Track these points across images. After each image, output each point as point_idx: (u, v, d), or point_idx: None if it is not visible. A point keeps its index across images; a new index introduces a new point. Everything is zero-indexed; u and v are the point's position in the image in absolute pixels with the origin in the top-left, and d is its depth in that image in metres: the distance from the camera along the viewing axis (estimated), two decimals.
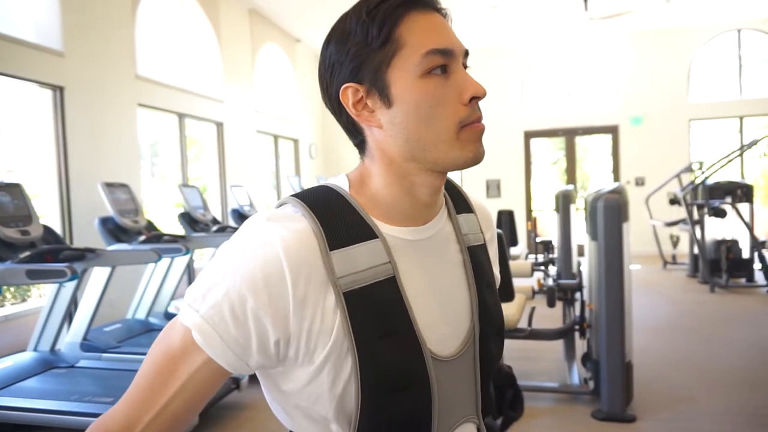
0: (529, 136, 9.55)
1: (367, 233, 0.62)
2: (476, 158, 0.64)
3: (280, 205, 0.65)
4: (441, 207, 0.71)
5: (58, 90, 4.36)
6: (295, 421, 0.65)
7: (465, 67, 0.66)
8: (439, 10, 0.65)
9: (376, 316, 0.60)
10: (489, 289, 0.73)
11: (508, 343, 3.97)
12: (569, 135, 9.49)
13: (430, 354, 0.63)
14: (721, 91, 9.03)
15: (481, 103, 0.65)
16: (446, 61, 0.62)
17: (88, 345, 3.72)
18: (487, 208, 0.83)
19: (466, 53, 0.66)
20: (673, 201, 7.21)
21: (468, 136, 0.63)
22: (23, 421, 2.85)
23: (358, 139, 0.67)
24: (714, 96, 9.01)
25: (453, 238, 0.71)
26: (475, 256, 0.72)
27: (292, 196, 0.64)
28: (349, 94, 0.63)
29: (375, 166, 0.66)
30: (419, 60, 0.61)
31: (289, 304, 0.57)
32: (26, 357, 3.51)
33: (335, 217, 0.62)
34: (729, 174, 8.08)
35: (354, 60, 0.62)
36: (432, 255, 0.67)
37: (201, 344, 0.58)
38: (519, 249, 6.55)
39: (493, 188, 9.62)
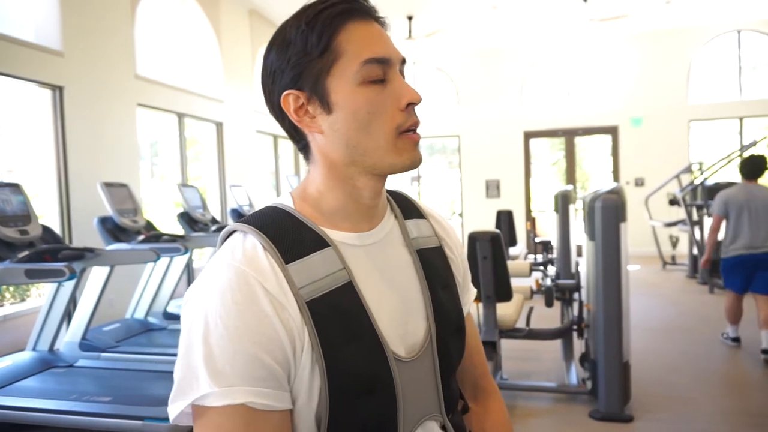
0: (528, 136, 9.56)
1: (319, 242, 0.63)
2: (413, 164, 0.66)
3: (228, 234, 0.65)
4: (385, 212, 0.73)
5: (58, 90, 4.37)
6: None
7: (402, 74, 0.68)
8: (377, 20, 0.67)
9: (340, 321, 0.60)
10: (445, 290, 0.74)
11: (507, 343, 3.99)
12: (569, 135, 9.49)
13: (393, 355, 0.64)
14: (720, 92, 9.03)
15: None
16: (384, 69, 0.64)
17: (87, 344, 3.72)
18: (448, 221, 0.84)
19: (403, 61, 0.68)
20: (673, 202, 7.22)
21: (404, 144, 0.65)
22: (22, 421, 2.85)
23: (301, 144, 0.69)
24: (714, 97, 9.01)
25: (401, 241, 0.73)
26: (426, 258, 0.73)
27: (239, 222, 0.65)
28: (290, 100, 0.65)
29: (318, 171, 0.68)
30: (357, 68, 0.63)
31: (278, 327, 0.57)
32: (25, 356, 3.52)
33: (284, 232, 0.63)
34: (729, 175, 8.08)
35: (294, 68, 0.64)
36: (383, 258, 0.69)
37: (265, 407, 0.56)
38: (518, 249, 6.55)
39: (493, 188, 9.63)
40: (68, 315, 3.79)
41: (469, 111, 9.59)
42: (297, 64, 0.64)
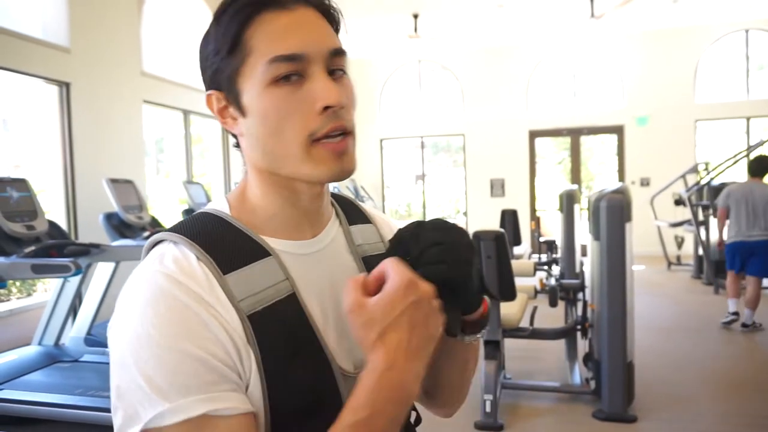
0: (533, 135, 9.53)
1: (259, 251, 0.58)
2: (333, 176, 0.58)
3: (154, 245, 0.58)
4: (329, 218, 0.68)
5: (65, 86, 4.39)
6: None
7: (336, 69, 0.59)
8: (306, 3, 0.59)
9: (283, 335, 0.55)
10: None
11: (511, 342, 3.99)
12: (574, 135, 9.46)
13: (340, 370, 0.59)
14: (727, 92, 8.98)
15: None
16: (296, 67, 0.56)
17: (92, 340, 3.74)
18: (394, 224, 0.77)
19: (335, 52, 0.58)
20: (678, 202, 7.18)
21: (320, 153, 0.57)
22: (27, 414, 2.87)
23: (236, 143, 0.64)
24: (721, 96, 8.96)
25: (346, 248, 0.68)
26: (372, 266, 0.64)
27: (167, 231, 0.58)
28: (213, 101, 0.61)
29: (251, 175, 0.63)
30: (264, 68, 0.56)
31: (219, 330, 0.52)
32: (31, 351, 3.54)
33: (219, 241, 0.57)
34: (735, 175, 8.04)
35: (210, 67, 0.59)
36: (327, 267, 0.64)
37: (230, 410, 0.50)
38: (522, 248, 6.54)
39: (497, 187, 9.61)
40: (74, 310, 3.82)
41: (474, 110, 9.57)
42: (212, 63, 0.59)
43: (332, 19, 0.61)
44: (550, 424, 3.01)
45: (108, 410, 2.06)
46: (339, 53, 0.59)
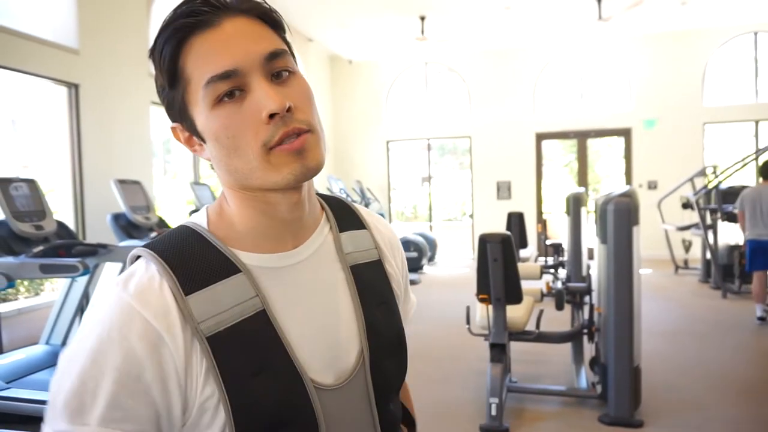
0: (540, 137, 9.51)
1: (228, 268, 0.57)
2: (298, 178, 0.57)
3: (135, 259, 0.60)
4: (317, 224, 0.67)
5: (73, 87, 4.42)
6: None
7: (280, 71, 0.58)
8: (236, 13, 0.57)
9: (247, 353, 0.55)
10: (382, 307, 0.69)
11: (517, 346, 3.97)
12: (581, 137, 9.43)
13: (313, 384, 0.59)
14: (736, 95, 8.93)
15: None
16: (234, 83, 0.55)
17: None
18: (391, 227, 0.78)
19: (272, 56, 0.57)
20: (686, 205, 7.14)
21: (278, 158, 0.56)
22: (35, 413, 2.89)
23: (212, 166, 0.63)
24: (729, 99, 8.91)
25: (334, 257, 0.67)
26: (362, 275, 0.67)
27: (143, 246, 0.59)
28: (178, 133, 0.61)
29: (226, 191, 0.62)
30: (203, 92, 0.55)
31: (148, 369, 0.52)
32: (38, 350, 3.56)
33: (189, 258, 0.57)
34: (743, 178, 7.98)
35: (164, 101, 0.60)
36: (308, 279, 0.63)
37: None
38: (529, 251, 6.52)
39: (504, 190, 9.59)
40: (81, 310, 3.84)
41: (481, 112, 9.56)
42: (164, 98, 0.60)
43: (269, 19, 0.60)
44: (556, 428, 2.99)
45: None
46: (277, 55, 0.57)
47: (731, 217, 6.35)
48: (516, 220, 6.02)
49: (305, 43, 8.74)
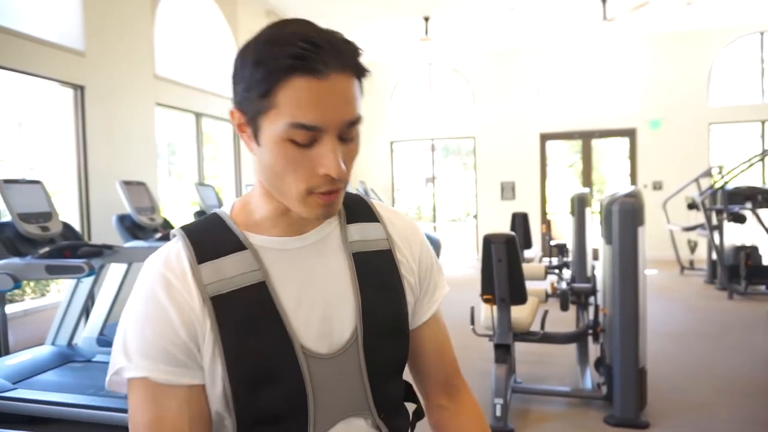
0: (545, 138, 9.49)
1: (237, 246, 0.69)
2: (320, 219, 0.69)
3: (172, 237, 0.73)
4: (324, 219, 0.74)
5: (79, 89, 4.44)
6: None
7: (347, 137, 0.65)
8: (344, 70, 0.62)
9: (244, 316, 0.66)
10: (381, 292, 0.75)
11: (522, 346, 3.96)
12: (586, 138, 9.41)
13: (302, 350, 0.68)
14: (742, 95, 8.89)
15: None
16: (313, 136, 0.62)
17: (104, 340, 3.78)
18: (412, 222, 0.85)
19: (351, 123, 0.64)
20: (692, 206, 7.11)
21: (315, 201, 0.66)
22: (41, 414, 2.90)
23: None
24: (735, 99, 8.86)
25: (338, 245, 0.75)
26: (364, 261, 0.75)
27: (181, 227, 0.72)
28: (235, 116, 0.67)
29: (257, 183, 0.72)
30: (284, 128, 0.62)
31: (175, 320, 0.65)
32: (44, 351, 3.58)
33: (206, 236, 0.70)
34: (749, 179, 7.94)
35: (241, 93, 0.65)
36: (311, 261, 0.72)
37: (165, 381, 0.65)
38: (533, 252, 6.50)
39: (508, 190, 9.57)
40: (87, 311, 3.85)
41: (485, 112, 9.55)
42: (242, 92, 0.64)
43: (363, 74, 0.66)
44: (561, 428, 2.98)
45: (120, 411, 2.11)
46: (355, 123, 0.65)
47: (737, 218, 6.32)
48: (520, 221, 6.01)
49: None
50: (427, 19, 7.71)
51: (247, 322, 0.66)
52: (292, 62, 0.60)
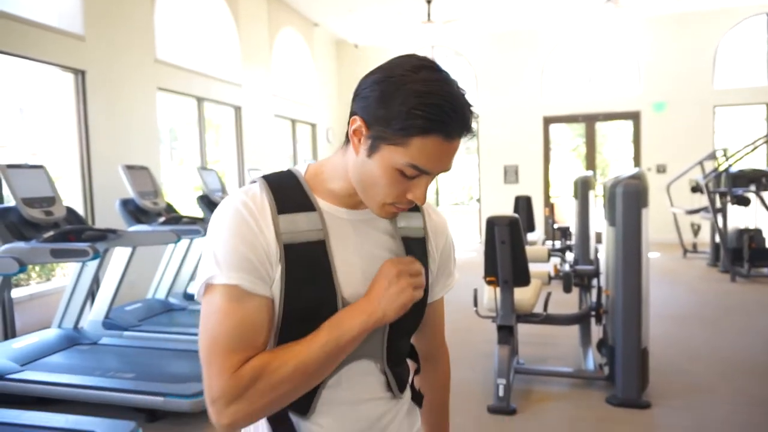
0: (548, 121, 9.43)
1: (308, 206, 0.81)
2: (383, 218, 0.84)
3: (252, 183, 0.84)
4: None
5: (80, 74, 4.42)
6: None
7: (436, 175, 0.78)
8: (464, 135, 0.76)
9: (305, 266, 0.78)
10: None
11: (524, 328, 3.97)
12: (589, 121, 9.35)
13: (343, 301, 0.80)
14: (747, 77, 8.80)
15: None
16: (418, 174, 0.76)
17: (110, 323, 3.81)
18: (444, 219, 0.99)
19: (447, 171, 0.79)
20: (695, 189, 7.09)
21: (389, 209, 0.80)
22: (49, 395, 2.94)
23: (347, 139, 0.81)
24: (740, 82, 8.78)
25: (387, 225, 0.88)
26: (408, 245, 0.88)
27: (261, 177, 0.83)
28: (357, 121, 0.76)
29: (340, 163, 0.82)
30: (403, 163, 0.74)
31: (262, 241, 0.77)
32: (51, 333, 3.61)
33: (285, 190, 0.82)
34: (754, 162, 7.90)
35: (374, 113, 0.74)
36: (364, 231, 0.85)
37: (251, 289, 0.75)
38: (536, 235, 6.50)
39: (511, 174, 9.54)
40: (92, 294, 3.88)
41: (489, 96, 9.49)
42: (378, 114, 0.73)
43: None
44: (563, 408, 3.01)
45: (127, 391, 2.15)
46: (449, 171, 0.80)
47: (741, 201, 6.29)
48: (524, 204, 6.00)
49: (311, 28, 8.68)
50: (429, 2, 7.62)
51: (307, 271, 0.78)
52: (435, 126, 0.71)
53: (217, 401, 0.73)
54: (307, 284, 0.78)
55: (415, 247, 0.89)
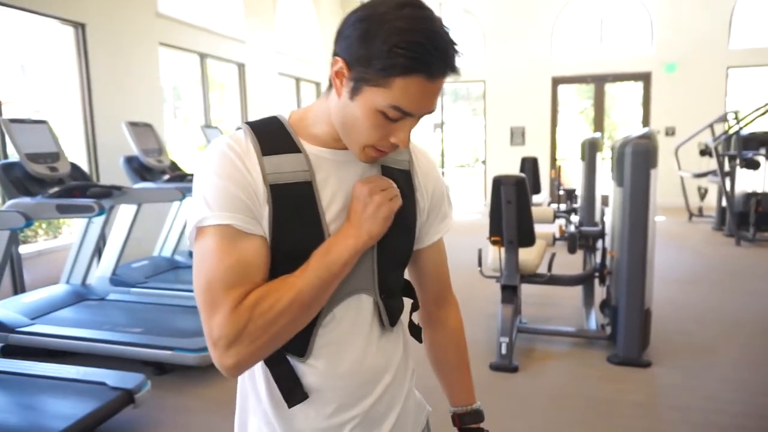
0: (557, 82, 9.25)
1: (293, 148, 0.82)
2: (365, 162, 0.83)
3: (237, 129, 0.83)
4: None
5: (80, 27, 4.33)
6: None
7: (419, 117, 0.78)
8: (447, 74, 0.74)
9: (292, 206, 0.79)
10: (402, 198, 0.88)
11: (528, 289, 3.98)
12: (599, 82, 9.16)
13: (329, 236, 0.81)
14: (765, 36, 8.54)
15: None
16: (401, 116, 0.75)
17: (117, 279, 3.85)
18: (433, 161, 0.98)
19: (429, 113, 0.78)
20: (704, 152, 7.00)
21: (370, 152, 0.80)
22: (59, 347, 3.00)
23: (330, 82, 0.80)
24: (757, 41, 8.53)
25: (372, 165, 0.87)
26: (389, 173, 0.87)
27: (246, 123, 0.83)
28: (339, 62, 0.75)
29: (324, 108, 0.82)
30: (385, 104, 0.73)
31: (250, 181, 0.77)
32: (60, 289, 3.66)
33: (270, 134, 0.82)
34: (766, 125, 7.77)
35: (356, 53, 0.73)
36: (348, 170, 0.84)
37: (244, 229, 0.75)
38: (542, 197, 6.48)
39: (518, 135, 9.44)
40: (99, 251, 3.91)
41: (496, 55, 9.28)
42: (359, 53, 0.72)
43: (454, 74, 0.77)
44: (564, 366, 3.05)
45: (135, 345, 2.20)
46: (431, 113, 0.78)
47: (751, 164, 6.22)
48: (530, 165, 5.96)
49: None
50: None
51: (294, 212, 0.79)
52: (417, 65, 0.70)
53: (219, 342, 0.72)
54: (294, 224, 0.79)
55: (399, 176, 0.88)
